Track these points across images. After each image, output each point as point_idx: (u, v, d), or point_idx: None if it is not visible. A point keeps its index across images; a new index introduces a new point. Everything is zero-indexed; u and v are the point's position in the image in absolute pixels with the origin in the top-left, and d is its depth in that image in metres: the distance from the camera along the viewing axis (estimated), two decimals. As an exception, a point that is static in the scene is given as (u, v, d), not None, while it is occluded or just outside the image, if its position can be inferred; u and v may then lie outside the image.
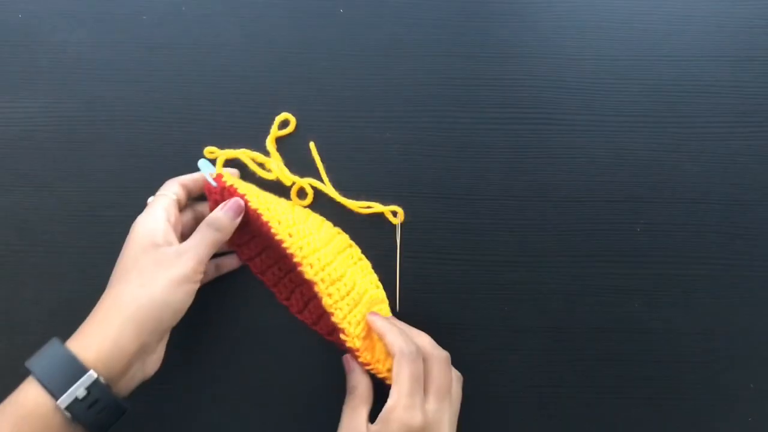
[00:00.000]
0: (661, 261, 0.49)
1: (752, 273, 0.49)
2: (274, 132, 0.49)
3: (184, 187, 0.47)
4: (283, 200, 0.48)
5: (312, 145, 0.49)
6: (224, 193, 0.45)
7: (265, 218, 0.44)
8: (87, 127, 0.50)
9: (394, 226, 0.49)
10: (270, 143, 0.49)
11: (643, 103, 0.51)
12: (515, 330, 0.49)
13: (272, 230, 0.43)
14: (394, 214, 0.49)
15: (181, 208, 0.47)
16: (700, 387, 0.49)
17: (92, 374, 0.37)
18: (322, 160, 0.49)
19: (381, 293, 0.48)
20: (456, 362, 0.46)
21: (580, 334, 0.49)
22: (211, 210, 0.46)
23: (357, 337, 0.43)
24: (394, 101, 0.51)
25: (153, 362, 0.42)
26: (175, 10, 0.51)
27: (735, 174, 0.50)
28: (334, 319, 0.43)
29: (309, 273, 0.43)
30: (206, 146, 0.49)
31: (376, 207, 0.49)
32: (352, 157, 0.50)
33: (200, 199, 0.48)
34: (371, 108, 0.50)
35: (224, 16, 0.51)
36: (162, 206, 0.44)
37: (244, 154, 0.49)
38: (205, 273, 0.46)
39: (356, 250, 0.49)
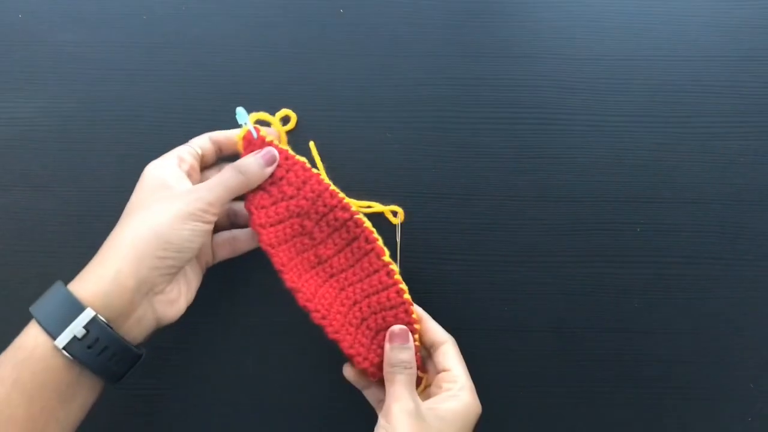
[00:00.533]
0: (661, 261, 0.49)
1: (752, 273, 0.49)
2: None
3: (215, 143, 0.45)
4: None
5: (312, 144, 0.49)
6: (265, 147, 0.44)
7: (315, 171, 0.44)
8: (87, 127, 0.50)
9: (394, 226, 0.49)
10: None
11: (643, 103, 0.51)
12: (515, 330, 0.49)
13: (325, 180, 0.45)
14: (394, 214, 0.49)
15: (207, 165, 0.45)
16: (699, 387, 0.49)
17: (90, 312, 0.36)
18: (322, 160, 0.49)
19: None
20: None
21: (580, 334, 0.49)
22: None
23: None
24: (394, 101, 0.51)
25: (164, 305, 0.40)
26: (175, 9, 0.51)
27: (735, 174, 0.50)
28: (393, 267, 0.44)
29: (367, 221, 0.45)
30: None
31: (376, 207, 0.49)
32: (352, 157, 0.50)
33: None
34: (371, 108, 0.50)
35: (224, 16, 0.51)
36: (176, 154, 0.42)
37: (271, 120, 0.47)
38: (219, 246, 0.45)
39: None
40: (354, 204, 0.48)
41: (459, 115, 0.51)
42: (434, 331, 0.44)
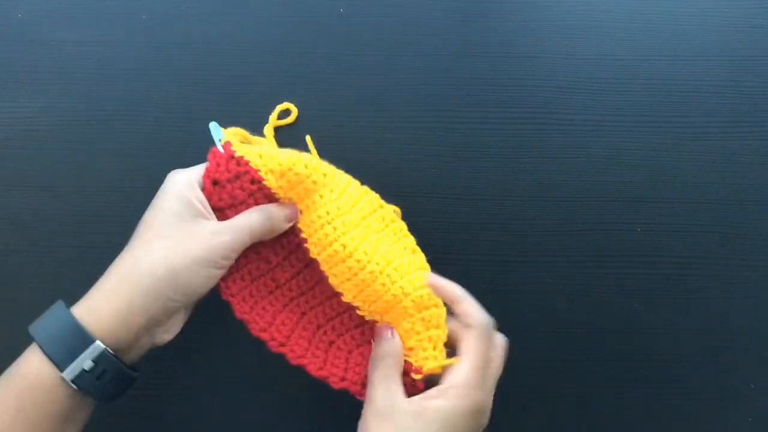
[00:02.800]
0: (661, 261, 0.49)
1: (752, 273, 0.49)
2: (273, 121, 0.49)
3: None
4: (305, 160, 0.43)
5: (308, 138, 0.49)
6: (230, 163, 0.41)
7: (278, 196, 0.42)
8: (87, 127, 0.50)
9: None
10: (268, 131, 0.49)
11: (643, 103, 0.51)
12: (515, 330, 0.49)
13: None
14: (393, 213, 0.49)
15: None
16: (700, 387, 0.49)
17: (99, 345, 0.35)
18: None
19: (418, 257, 0.44)
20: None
21: (581, 334, 0.49)
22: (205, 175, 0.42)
23: (375, 312, 0.42)
24: (394, 101, 0.51)
25: (161, 333, 0.39)
26: (175, 9, 0.51)
27: (735, 174, 0.50)
28: (344, 299, 0.42)
29: (313, 252, 0.41)
30: (206, 146, 0.49)
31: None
32: (352, 157, 0.50)
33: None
34: (371, 108, 0.50)
35: (224, 16, 0.51)
36: (204, 171, 0.41)
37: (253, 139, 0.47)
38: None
39: (387, 211, 0.45)
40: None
41: (459, 115, 0.51)
42: (466, 315, 0.40)
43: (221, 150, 0.42)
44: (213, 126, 0.43)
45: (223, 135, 0.43)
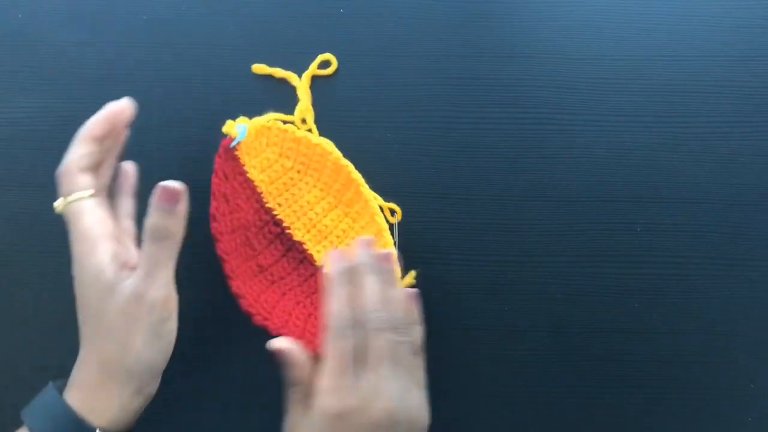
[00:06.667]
0: (661, 261, 0.49)
1: (752, 273, 0.49)
2: (313, 70, 0.51)
3: (99, 143, 0.42)
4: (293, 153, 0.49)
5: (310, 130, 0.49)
6: (231, 159, 0.46)
7: (259, 190, 0.47)
8: (87, 127, 0.50)
9: (392, 225, 0.49)
10: (305, 81, 0.50)
11: (643, 103, 0.51)
12: (515, 330, 0.49)
13: (264, 193, 0.47)
14: (392, 212, 0.49)
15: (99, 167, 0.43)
16: (700, 387, 0.49)
17: None
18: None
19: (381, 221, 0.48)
20: (456, 362, 0.46)
21: (580, 334, 0.49)
22: (217, 166, 0.46)
23: None
24: (394, 101, 0.51)
25: (148, 397, 0.41)
26: (174, 9, 0.51)
27: (735, 174, 0.50)
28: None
29: (297, 235, 0.47)
30: (206, 145, 0.49)
31: (379, 200, 0.49)
32: (353, 157, 0.50)
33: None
34: (371, 108, 0.50)
35: (224, 16, 0.51)
36: (100, 236, 0.40)
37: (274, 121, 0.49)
38: None
39: (357, 183, 0.48)
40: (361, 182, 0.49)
41: (459, 115, 0.51)
42: (325, 313, 0.42)
43: (233, 142, 0.46)
44: (241, 127, 0.46)
45: (244, 136, 0.47)
